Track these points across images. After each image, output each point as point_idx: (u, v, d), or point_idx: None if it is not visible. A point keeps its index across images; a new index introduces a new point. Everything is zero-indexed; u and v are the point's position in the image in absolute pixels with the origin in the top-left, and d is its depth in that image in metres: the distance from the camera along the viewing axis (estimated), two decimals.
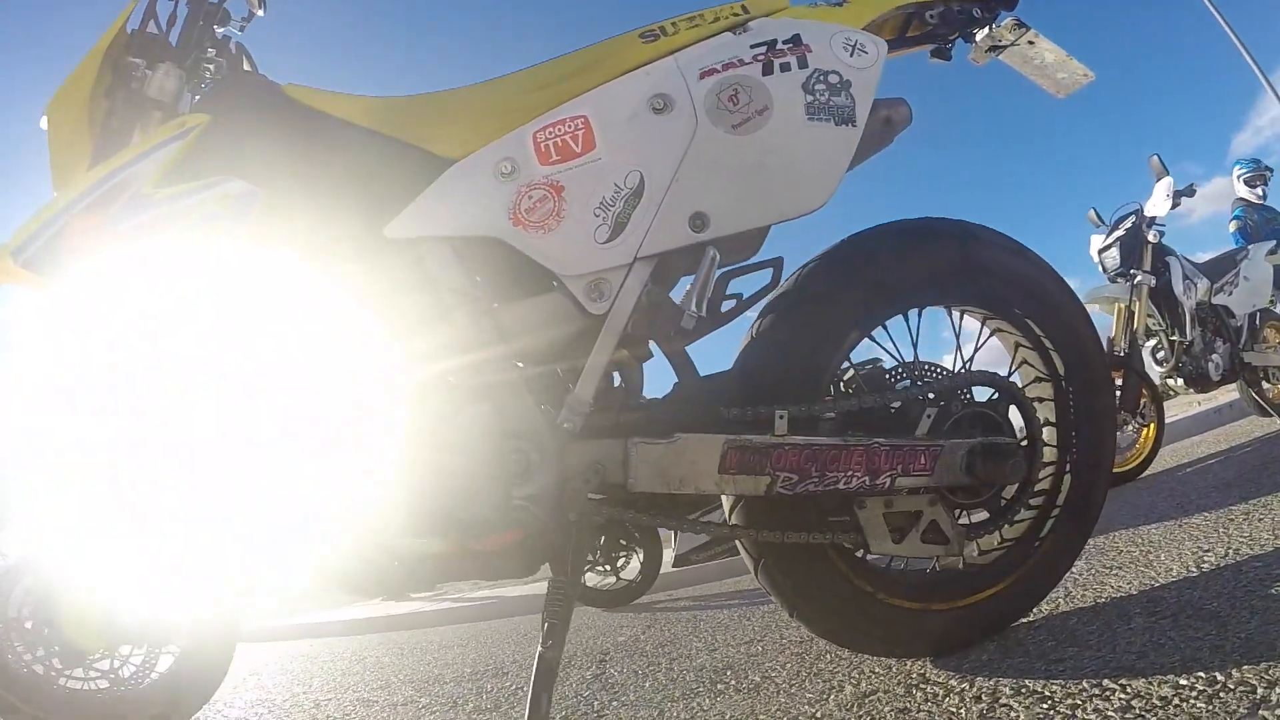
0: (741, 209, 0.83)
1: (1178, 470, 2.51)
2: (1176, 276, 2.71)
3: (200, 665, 1.27)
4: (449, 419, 0.85)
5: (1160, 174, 2.71)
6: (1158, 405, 2.64)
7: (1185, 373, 2.76)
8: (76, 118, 1.01)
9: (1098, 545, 1.50)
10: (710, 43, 0.90)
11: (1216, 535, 1.26)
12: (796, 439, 0.84)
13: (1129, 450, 2.69)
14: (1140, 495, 2.16)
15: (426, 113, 0.93)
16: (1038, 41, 1.10)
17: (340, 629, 3.39)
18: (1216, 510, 1.50)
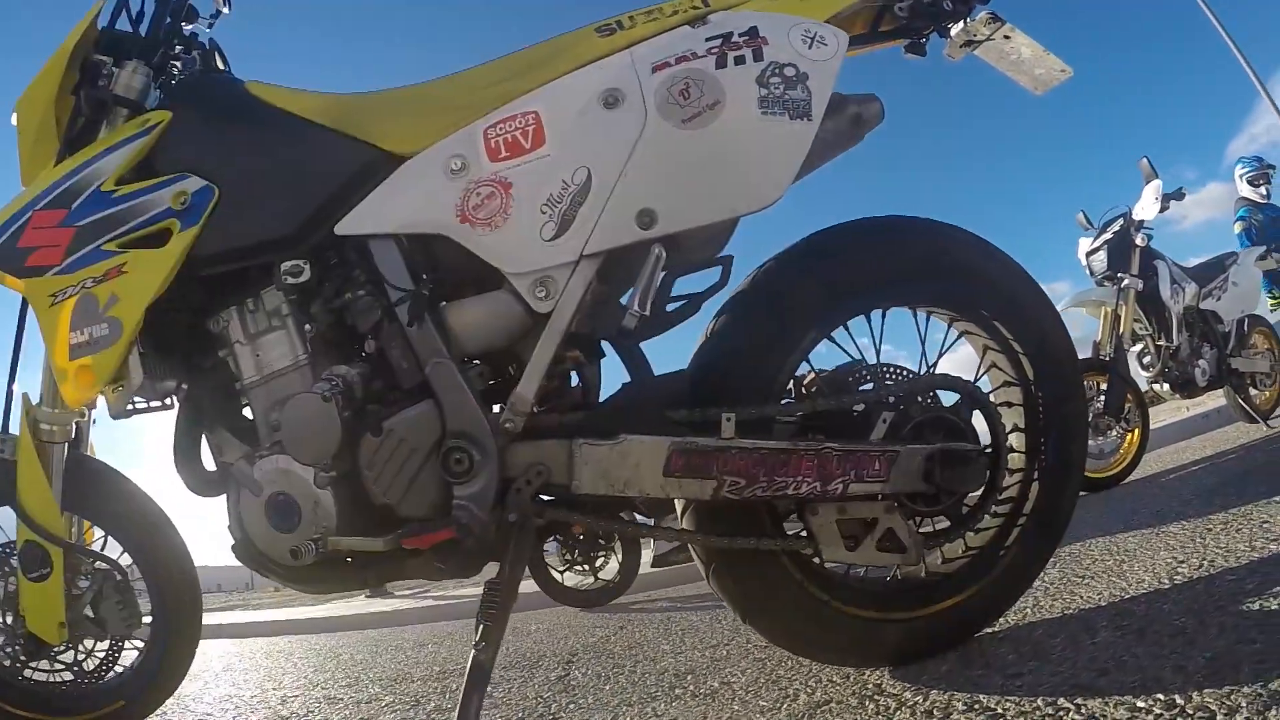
0: (690, 205, 0.79)
1: (1161, 476, 2.46)
2: (1164, 281, 2.66)
3: (164, 660, 1.23)
4: (394, 416, 0.82)
5: (1149, 177, 2.66)
6: (1142, 410, 2.60)
7: (1171, 378, 2.71)
8: (45, 114, 1.01)
9: (1072, 553, 1.46)
10: (667, 36, 0.86)
11: (1193, 545, 1.21)
12: (744, 443, 0.80)
13: (1113, 455, 2.65)
14: (1121, 502, 2.11)
15: (382, 109, 0.91)
16: (1014, 36, 1.06)
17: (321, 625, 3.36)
18: (1195, 519, 1.46)
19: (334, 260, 0.87)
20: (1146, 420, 2.61)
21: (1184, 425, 3.58)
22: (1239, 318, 2.91)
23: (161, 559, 1.24)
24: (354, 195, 0.85)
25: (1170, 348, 2.67)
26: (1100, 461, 2.66)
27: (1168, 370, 2.70)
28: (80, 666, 1.23)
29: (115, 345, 0.88)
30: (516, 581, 0.81)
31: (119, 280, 0.88)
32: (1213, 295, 2.85)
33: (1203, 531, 1.30)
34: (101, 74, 1.00)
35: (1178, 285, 2.71)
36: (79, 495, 1.20)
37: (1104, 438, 2.65)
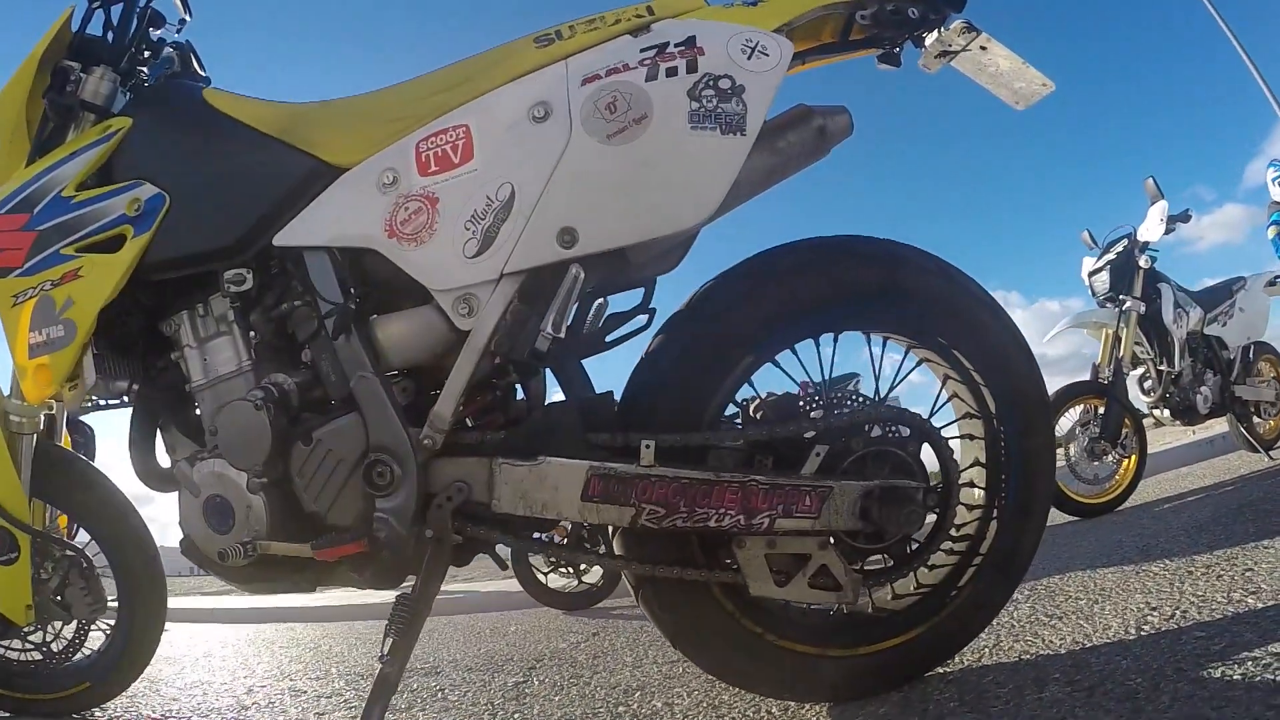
0: (612, 225, 0.74)
1: (1156, 505, 2.32)
2: (1167, 304, 2.50)
3: (128, 644, 1.23)
4: (322, 426, 0.80)
5: (1155, 197, 2.50)
6: (1140, 436, 2.45)
7: (1172, 404, 2.55)
8: (17, 117, 1.02)
9: (1050, 587, 1.36)
10: (606, 47, 0.80)
11: (1169, 590, 1.11)
12: (663, 471, 0.74)
13: (1108, 481, 2.51)
14: (1111, 531, 1.99)
15: (327, 120, 0.88)
16: (990, 47, 0.97)
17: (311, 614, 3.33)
18: (1179, 558, 1.34)
19: (275, 270, 0.86)
20: (1144, 446, 2.46)
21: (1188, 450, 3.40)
22: (1245, 344, 2.73)
23: (125, 546, 1.23)
24: (294, 206, 0.83)
25: (1172, 373, 2.52)
26: (1095, 487, 2.52)
27: (1169, 396, 2.54)
28: (49, 647, 1.24)
29: (70, 346, 0.88)
30: (429, 597, 0.79)
31: (75, 284, 0.88)
32: (1218, 320, 2.68)
33: (1184, 574, 1.19)
34: (70, 79, 1.00)
35: (1181, 309, 2.55)
36: (47, 483, 1.20)
37: (1099, 463, 2.52)
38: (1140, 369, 2.62)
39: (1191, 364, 2.57)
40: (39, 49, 1.03)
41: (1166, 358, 2.52)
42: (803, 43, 0.96)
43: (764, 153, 0.88)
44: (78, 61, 1.02)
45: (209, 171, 0.88)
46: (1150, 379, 2.59)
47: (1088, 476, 2.53)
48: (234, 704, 1.38)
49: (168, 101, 0.98)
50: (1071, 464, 2.54)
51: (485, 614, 2.93)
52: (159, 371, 0.95)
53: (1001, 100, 1.07)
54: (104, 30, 1.08)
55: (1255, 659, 0.71)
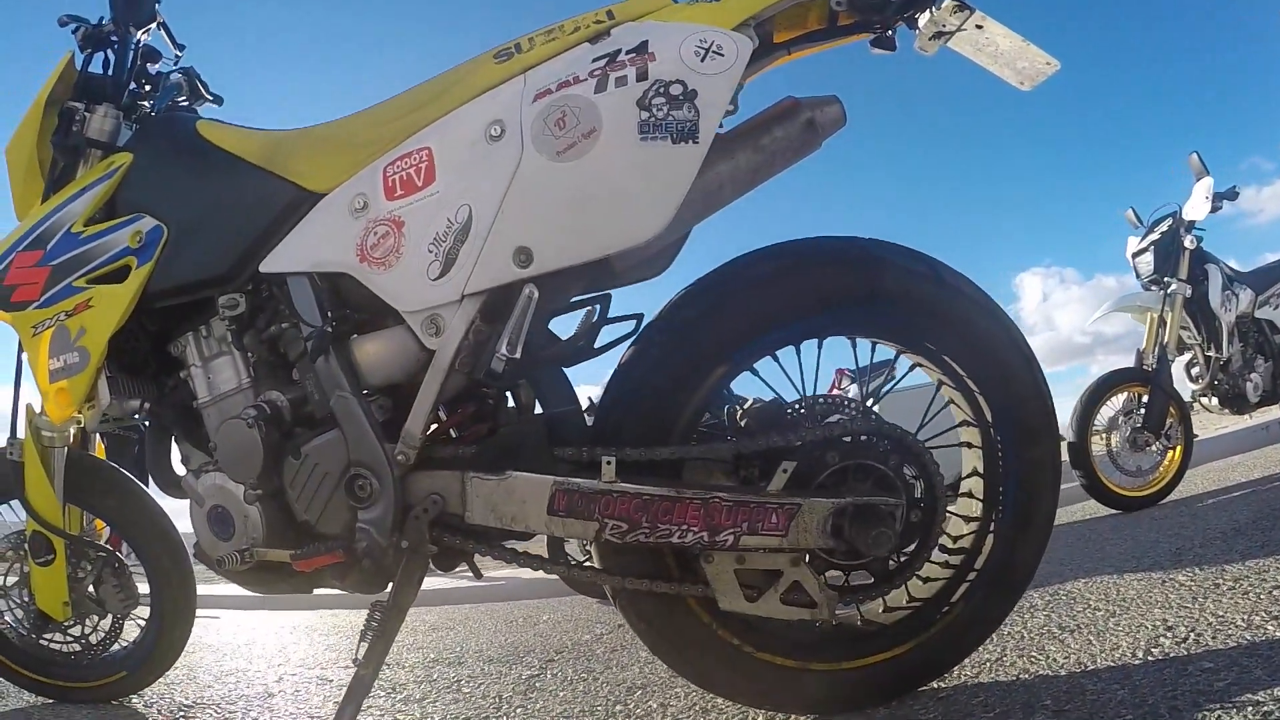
0: (566, 243, 0.72)
1: (1200, 499, 2.14)
2: (1215, 286, 2.29)
3: (159, 637, 1.28)
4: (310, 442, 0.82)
5: (1200, 174, 2.28)
6: (1185, 426, 2.27)
7: (1220, 391, 2.35)
8: (29, 158, 1.09)
9: (1071, 593, 1.27)
10: (563, 58, 0.77)
11: (1190, 607, 1.02)
12: (625, 486, 0.73)
13: (1151, 474, 2.34)
14: (1149, 528, 1.85)
15: (305, 147, 0.90)
16: (987, 25, 0.88)
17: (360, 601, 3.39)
18: (1209, 567, 1.23)
19: (265, 294, 0.88)
20: (1190, 437, 2.28)
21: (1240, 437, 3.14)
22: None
23: (154, 545, 1.29)
24: (278, 233, 0.85)
25: (1220, 359, 2.31)
26: (1137, 480, 2.36)
27: (1217, 383, 2.34)
28: (87, 640, 1.31)
29: (85, 371, 0.93)
30: (403, 605, 0.81)
31: (86, 314, 0.94)
32: (1270, 303, 2.43)
33: (1210, 588, 1.09)
34: (75, 119, 1.06)
35: (1231, 291, 2.33)
36: (80, 490, 1.26)
37: (1142, 454, 2.35)
38: (1187, 355, 2.42)
39: (1241, 349, 2.35)
40: (44, 92, 1.09)
41: (1214, 343, 2.31)
42: (787, 32, 0.90)
43: (748, 150, 0.83)
44: (83, 99, 1.08)
45: (202, 202, 0.91)
46: (1198, 365, 2.38)
47: (1130, 468, 2.37)
48: (261, 692, 1.43)
49: (164, 135, 1.02)
50: (1113, 455, 2.38)
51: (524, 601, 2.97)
52: (171, 390, 0.99)
53: (1006, 81, 0.98)
54: (104, 68, 1.13)
55: (1257, 704, 0.63)
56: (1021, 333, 0.84)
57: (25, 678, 1.27)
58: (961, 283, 0.81)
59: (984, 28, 0.89)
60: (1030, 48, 0.90)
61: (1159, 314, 2.32)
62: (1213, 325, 2.32)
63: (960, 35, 0.90)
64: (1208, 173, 2.27)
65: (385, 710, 1.25)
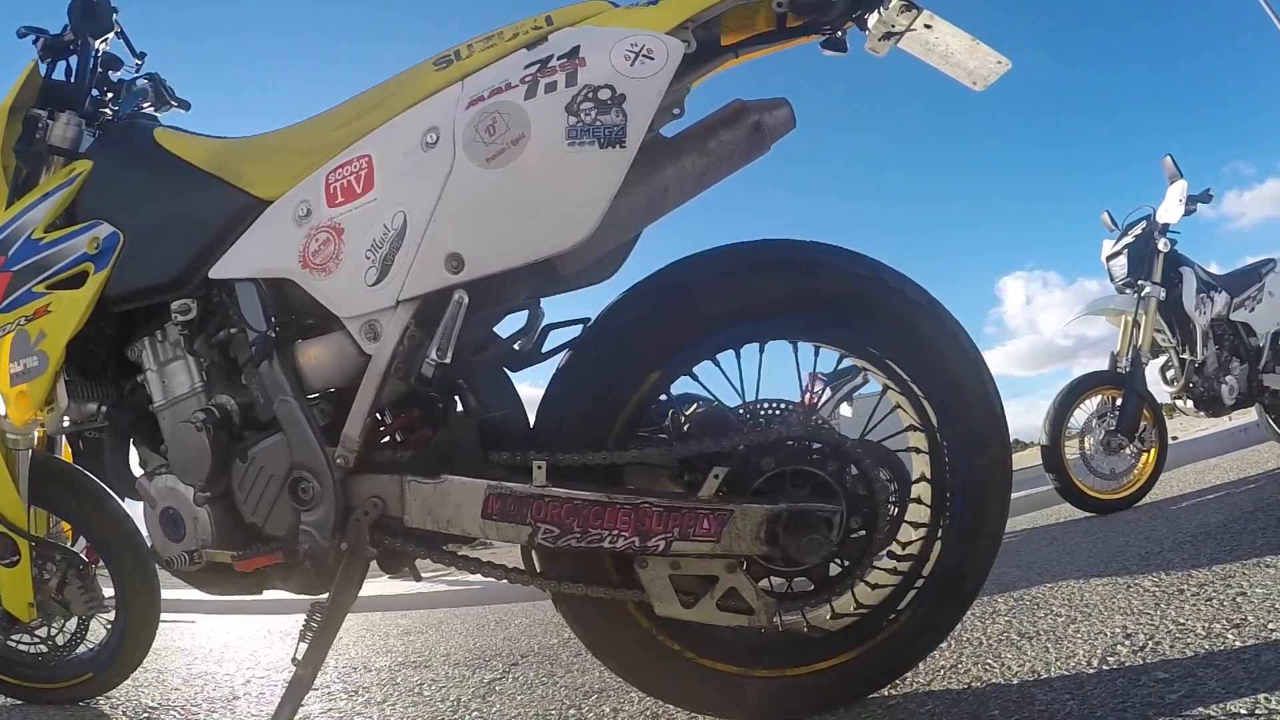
0: (495, 249, 0.70)
1: (1174, 502, 2.10)
2: (1189, 289, 2.24)
3: (124, 638, 1.26)
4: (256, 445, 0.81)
5: (1173, 177, 2.23)
6: (1160, 429, 2.22)
7: (1196, 394, 2.30)
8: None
9: (1035, 598, 1.24)
10: (500, 64, 0.75)
11: (1152, 613, 0.97)
12: (556, 491, 0.70)
13: (1126, 476, 2.29)
14: (1120, 531, 1.81)
15: (255, 154, 0.89)
16: (936, 25, 0.85)
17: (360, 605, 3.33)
18: (1176, 571, 1.19)
19: (215, 300, 0.87)
20: (1164, 440, 2.23)
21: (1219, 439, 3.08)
22: (1274, 330, 2.42)
23: (118, 547, 1.26)
24: (226, 240, 0.84)
25: (1195, 361, 2.26)
26: (1111, 482, 2.31)
27: (1192, 385, 2.29)
28: (53, 641, 1.28)
29: (44, 375, 0.93)
30: (343, 606, 0.80)
31: (46, 318, 0.93)
32: (1245, 305, 2.38)
33: (1174, 593, 1.05)
34: (38, 127, 1.06)
35: (1205, 294, 2.28)
36: (45, 492, 1.23)
37: (1116, 457, 2.30)
38: (1163, 358, 2.37)
39: (1217, 352, 2.30)
40: (7, 101, 1.09)
41: (1189, 345, 2.27)
42: (735, 35, 0.87)
43: (694, 154, 0.81)
44: (47, 107, 1.09)
45: (156, 209, 0.90)
46: (1173, 368, 2.33)
47: (1104, 471, 2.32)
48: (227, 694, 1.40)
49: (122, 143, 1.01)
50: (1087, 458, 2.34)
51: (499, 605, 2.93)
52: (129, 393, 0.98)
53: (958, 81, 0.95)
54: (66, 75, 1.14)
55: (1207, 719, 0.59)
56: (968, 336, 0.80)
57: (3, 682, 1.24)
58: (905, 285, 0.77)
59: (933, 27, 0.85)
60: (980, 47, 0.86)
61: (1133, 317, 2.28)
62: (1187, 328, 2.27)
63: (910, 35, 0.87)
64: (1181, 176, 2.23)
65: (345, 713, 1.22)
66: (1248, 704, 0.59)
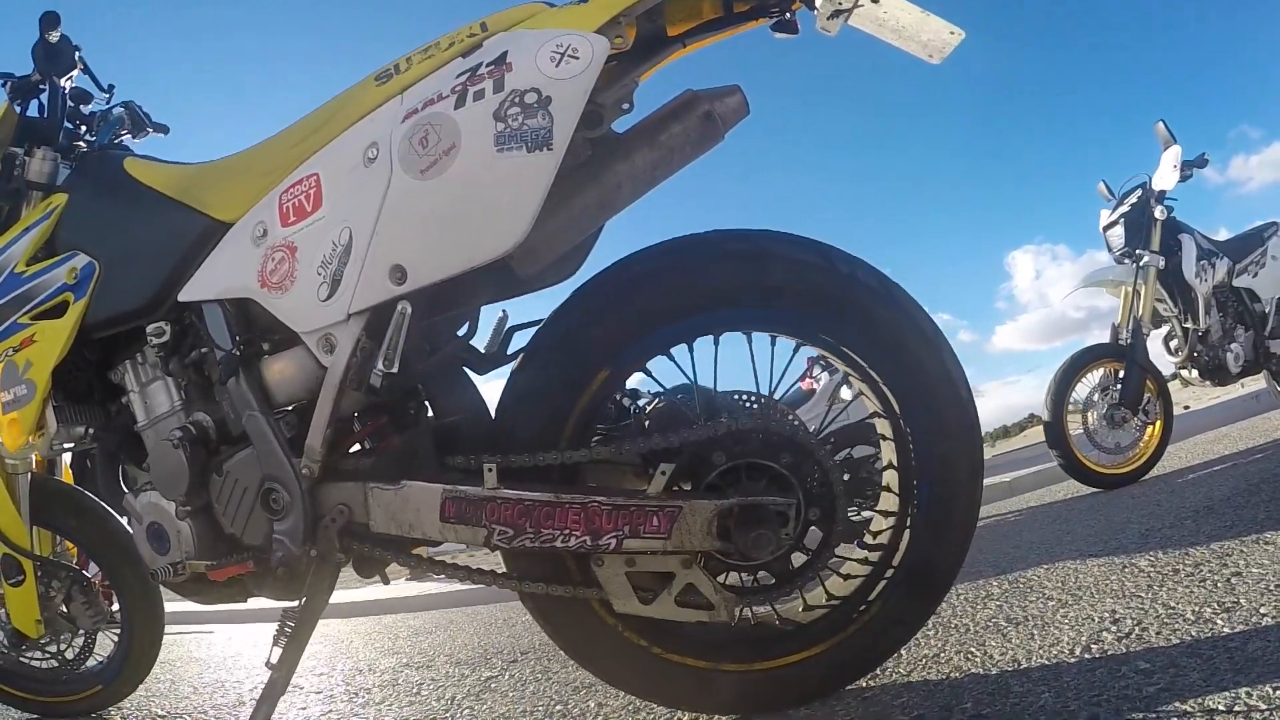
0: (435, 259, 0.69)
1: (1180, 475, 2.00)
2: (1189, 257, 2.13)
3: (129, 651, 1.27)
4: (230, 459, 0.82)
5: (1167, 142, 2.12)
6: (1165, 401, 2.12)
7: (1201, 363, 2.19)
8: None
9: (1029, 581, 1.18)
10: (436, 75, 0.73)
11: (1142, 597, 0.92)
12: (507, 493, 0.69)
13: (1131, 450, 2.20)
14: (1123, 508, 1.73)
15: (215, 179, 0.90)
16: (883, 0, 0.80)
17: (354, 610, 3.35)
18: (1174, 550, 1.13)
19: (187, 322, 0.88)
20: (1169, 411, 2.13)
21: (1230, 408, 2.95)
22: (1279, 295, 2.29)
23: (120, 563, 1.26)
24: (193, 264, 0.86)
25: (1198, 330, 2.15)
26: (1116, 457, 2.22)
27: (1196, 355, 2.18)
28: (63, 656, 1.29)
29: (33, 402, 0.94)
30: (314, 610, 0.80)
31: (31, 348, 0.95)
32: (1249, 271, 2.26)
33: (1169, 574, 0.99)
34: (16, 164, 1.09)
35: (1206, 261, 2.17)
36: (47, 513, 1.24)
37: (1120, 431, 2.21)
38: (1165, 327, 2.27)
39: (1220, 319, 2.19)
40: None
41: (1191, 314, 2.16)
42: (682, 24, 0.84)
43: (645, 148, 0.78)
44: (23, 143, 1.11)
45: (127, 237, 0.92)
46: (1176, 338, 2.23)
47: (1108, 445, 2.23)
48: (234, 700, 1.41)
49: (94, 175, 1.03)
50: (1090, 432, 2.25)
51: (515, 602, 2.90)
52: (115, 415, 0.99)
53: (915, 55, 0.89)
54: (40, 111, 1.15)
55: (1183, 714, 0.54)
56: (929, 318, 0.75)
57: (6, 694, 1.26)
58: (858, 269, 0.73)
59: (880, 2, 0.81)
60: (931, 19, 0.81)
61: (1132, 287, 2.17)
62: (1189, 296, 2.16)
63: (859, 12, 0.82)
64: (1175, 141, 2.11)
65: (343, 714, 1.22)
66: (1227, 699, 0.54)
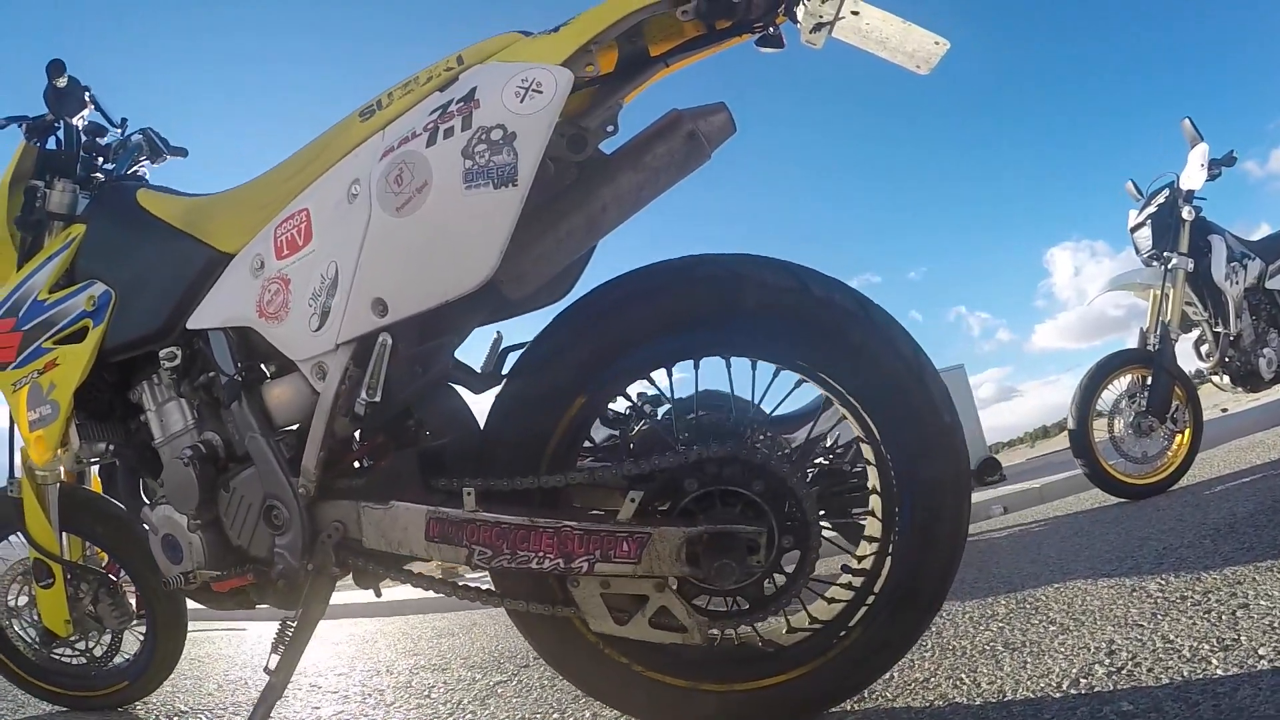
0: (412, 292, 0.71)
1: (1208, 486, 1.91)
2: (1218, 259, 2.02)
3: (154, 649, 1.33)
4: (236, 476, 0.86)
5: (1194, 140, 2.01)
6: (1194, 408, 2.02)
7: (1232, 369, 2.07)
8: (1, 234, 1.18)
9: (1037, 601, 1.15)
10: (414, 110, 0.75)
11: (1144, 627, 0.88)
12: (485, 515, 0.71)
13: (1158, 460, 2.10)
14: (1144, 523, 1.66)
15: (219, 211, 0.94)
16: (863, 10, 0.79)
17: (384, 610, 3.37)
18: (1185, 574, 1.07)
19: (196, 347, 0.93)
20: (1199, 419, 2.03)
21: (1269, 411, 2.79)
22: None
23: (144, 568, 1.32)
24: (199, 293, 0.90)
25: (1229, 334, 2.04)
26: (1144, 466, 2.13)
27: (1228, 360, 2.07)
28: (91, 653, 1.36)
29: (57, 421, 1.01)
30: (311, 621, 0.83)
31: (54, 371, 1.01)
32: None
33: (1176, 601, 0.94)
34: (37, 196, 1.15)
35: (1237, 263, 2.05)
36: (74, 520, 1.30)
37: (1148, 439, 2.11)
38: (1195, 331, 2.16)
39: (1253, 323, 2.07)
40: (6, 177, 1.18)
41: (1221, 318, 2.05)
42: (663, 44, 0.84)
43: (630, 170, 0.78)
44: (45, 176, 1.17)
45: (139, 267, 0.97)
46: (1206, 342, 2.12)
47: (1135, 454, 2.14)
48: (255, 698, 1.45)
49: (109, 206, 1.08)
50: (1116, 441, 2.16)
51: None
52: (134, 432, 1.04)
53: (904, 67, 0.87)
54: (58, 145, 1.21)
55: None
56: (910, 342, 0.73)
57: (40, 688, 1.34)
58: (835, 293, 0.72)
59: (860, 13, 0.79)
60: (913, 29, 0.80)
61: (1160, 291, 2.08)
62: (1219, 300, 2.05)
63: (841, 24, 0.81)
64: (1201, 138, 2.01)
65: (354, 714, 1.25)
66: None
